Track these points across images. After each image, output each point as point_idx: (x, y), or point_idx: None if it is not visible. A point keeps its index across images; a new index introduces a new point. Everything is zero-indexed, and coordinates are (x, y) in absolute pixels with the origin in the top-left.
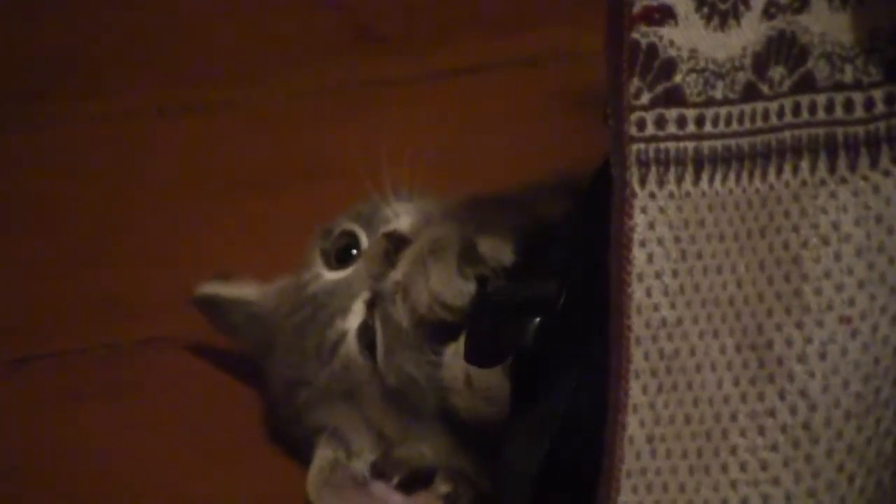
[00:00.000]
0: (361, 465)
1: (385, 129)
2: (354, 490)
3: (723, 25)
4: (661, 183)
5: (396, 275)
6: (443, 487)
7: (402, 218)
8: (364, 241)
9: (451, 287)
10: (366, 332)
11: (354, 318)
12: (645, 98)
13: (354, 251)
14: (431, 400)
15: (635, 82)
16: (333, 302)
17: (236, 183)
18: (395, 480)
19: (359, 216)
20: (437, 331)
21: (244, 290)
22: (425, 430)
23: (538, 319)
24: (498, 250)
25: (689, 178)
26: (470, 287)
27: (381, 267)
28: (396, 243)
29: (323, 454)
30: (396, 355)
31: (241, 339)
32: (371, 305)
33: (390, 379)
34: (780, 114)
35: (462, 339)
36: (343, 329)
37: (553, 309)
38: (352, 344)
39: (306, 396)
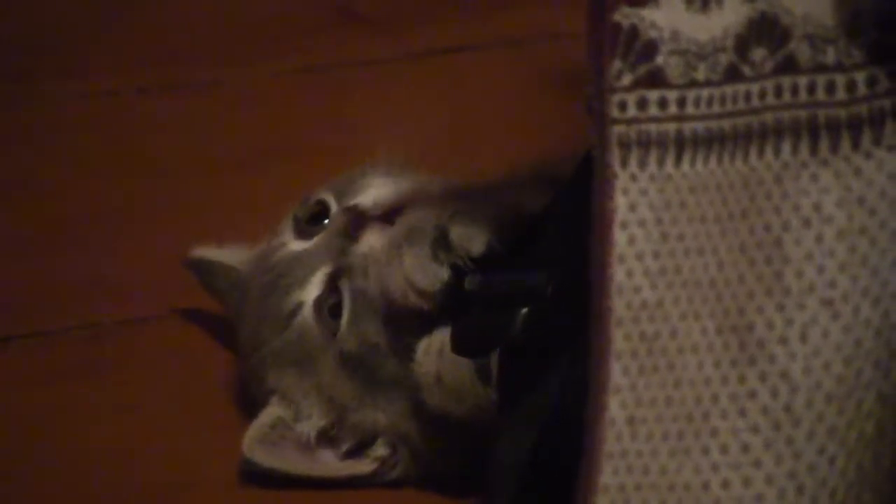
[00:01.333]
0: (308, 429)
1: (367, 108)
2: (294, 451)
3: (704, 7)
4: (642, 164)
5: (362, 247)
6: (380, 450)
7: (370, 192)
8: (334, 211)
9: (424, 272)
10: (323, 304)
11: (312, 290)
12: (626, 79)
13: (326, 220)
14: (390, 367)
15: (617, 63)
16: (292, 273)
17: (218, 162)
18: (345, 448)
19: (335, 186)
20: (410, 324)
21: (232, 255)
22: (381, 397)
23: (525, 310)
24: (468, 240)
25: (670, 159)
26: (444, 273)
27: (341, 241)
28: (356, 218)
29: (269, 411)
30: (362, 324)
31: (225, 303)
32: (333, 279)
33: (350, 345)
34: (762, 95)
35: (434, 334)
36: (299, 300)
37: (541, 299)
38: (308, 315)
39: (262, 356)
